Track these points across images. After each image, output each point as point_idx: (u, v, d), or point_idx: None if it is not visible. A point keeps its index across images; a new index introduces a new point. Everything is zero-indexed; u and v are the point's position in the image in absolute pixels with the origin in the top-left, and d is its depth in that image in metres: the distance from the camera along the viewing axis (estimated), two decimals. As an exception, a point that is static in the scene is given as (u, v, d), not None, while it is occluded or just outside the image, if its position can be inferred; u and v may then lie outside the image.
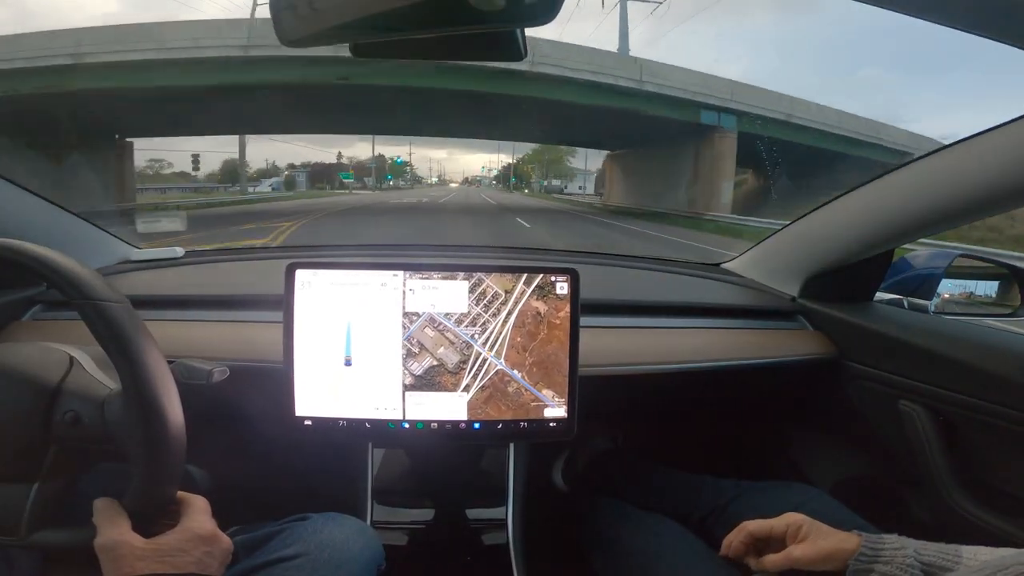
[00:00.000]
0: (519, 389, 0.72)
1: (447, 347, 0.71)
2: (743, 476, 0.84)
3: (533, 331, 0.72)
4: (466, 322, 0.71)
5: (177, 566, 0.46)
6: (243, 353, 0.79)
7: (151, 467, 0.47)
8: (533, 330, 0.72)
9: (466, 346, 0.72)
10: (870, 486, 0.96)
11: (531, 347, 0.72)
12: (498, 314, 0.71)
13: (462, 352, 0.71)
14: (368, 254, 1.21)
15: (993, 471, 0.75)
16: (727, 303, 1.02)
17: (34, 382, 0.48)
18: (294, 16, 0.34)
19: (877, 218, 0.82)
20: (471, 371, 0.72)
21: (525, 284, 0.72)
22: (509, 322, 0.72)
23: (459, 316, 0.71)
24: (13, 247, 0.47)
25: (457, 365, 0.71)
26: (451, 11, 0.31)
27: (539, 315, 0.72)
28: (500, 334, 0.71)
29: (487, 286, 0.72)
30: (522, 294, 0.72)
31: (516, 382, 0.72)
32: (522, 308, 0.72)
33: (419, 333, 0.71)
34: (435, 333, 0.71)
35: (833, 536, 0.55)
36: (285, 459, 0.95)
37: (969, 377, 0.73)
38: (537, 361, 0.72)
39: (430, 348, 0.71)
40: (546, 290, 0.72)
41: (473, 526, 0.82)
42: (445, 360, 0.71)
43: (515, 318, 0.72)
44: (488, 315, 0.71)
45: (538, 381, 0.73)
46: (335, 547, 0.59)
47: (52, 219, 0.94)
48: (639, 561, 0.71)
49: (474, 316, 0.71)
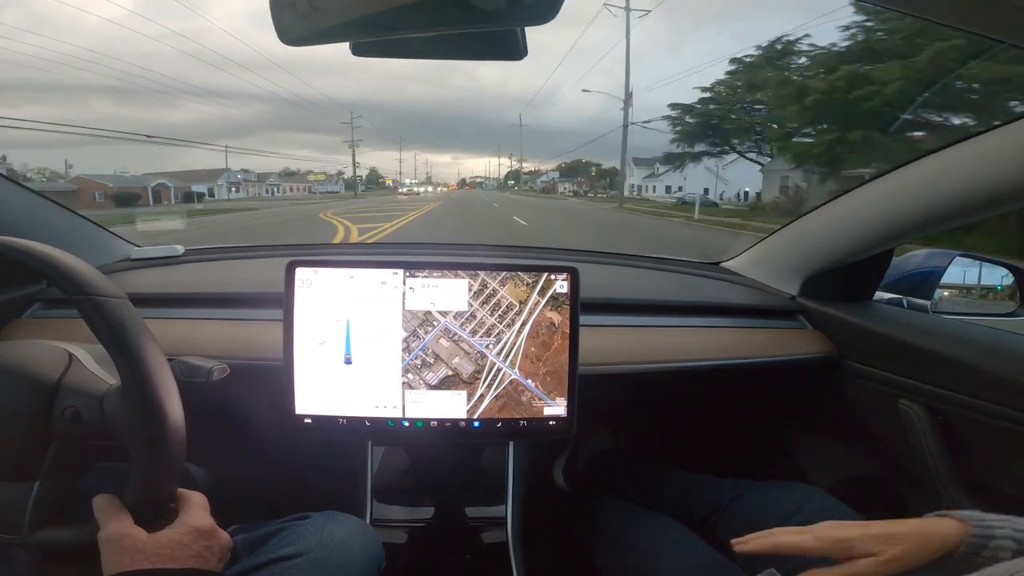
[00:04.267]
0: (532, 398, 0.73)
1: (462, 357, 0.72)
2: (742, 474, 0.84)
3: (547, 341, 0.72)
4: (480, 332, 0.72)
5: (176, 560, 0.46)
6: (243, 351, 0.79)
7: (151, 462, 0.47)
8: (547, 340, 0.72)
9: (480, 356, 0.72)
10: (869, 485, 0.96)
11: (545, 357, 0.72)
12: (512, 324, 0.72)
13: (477, 362, 0.72)
14: (368, 252, 1.20)
15: (992, 471, 0.75)
16: (727, 302, 1.02)
17: (33, 379, 0.48)
18: (294, 15, 0.34)
19: (877, 218, 0.82)
20: (485, 380, 0.72)
21: (539, 295, 0.72)
22: (523, 332, 0.72)
23: (474, 327, 0.72)
24: (10, 244, 0.47)
25: (472, 375, 0.72)
26: (451, 10, 0.31)
27: (553, 326, 0.72)
28: (514, 344, 0.72)
29: (501, 297, 0.72)
30: (536, 305, 0.72)
31: (529, 391, 0.73)
32: (536, 319, 0.72)
33: (434, 344, 0.72)
34: (450, 344, 0.72)
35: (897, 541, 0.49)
36: (285, 457, 0.96)
37: (968, 377, 0.73)
38: (551, 371, 0.73)
39: (445, 358, 0.72)
40: (560, 300, 0.72)
41: (473, 524, 0.83)
42: (460, 370, 0.72)
43: (529, 328, 0.72)
44: (503, 326, 0.72)
45: (552, 390, 0.73)
46: (335, 546, 0.59)
47: (52, 217, 0.94)
48: (641, 559, 0.71)
49: (489, 327, 0.72)
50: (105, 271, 0.96)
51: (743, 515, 0.75)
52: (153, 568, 0.45)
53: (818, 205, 0.94)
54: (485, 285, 0.72)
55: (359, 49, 0.37)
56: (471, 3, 0.30)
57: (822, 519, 0.56)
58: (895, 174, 0.78)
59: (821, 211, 0.94)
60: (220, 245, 1.22)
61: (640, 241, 9.13)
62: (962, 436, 0.76)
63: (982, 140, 0.65)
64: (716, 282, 1.12)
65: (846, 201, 0.89)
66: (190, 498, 0.52)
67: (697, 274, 1.16)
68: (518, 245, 1.32)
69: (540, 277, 0.72)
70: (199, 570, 0.47)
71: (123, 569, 0.44)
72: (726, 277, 1.13)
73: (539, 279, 0.72)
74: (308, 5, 0.33)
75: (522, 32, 0.36)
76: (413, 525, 0.82)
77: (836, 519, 0.56)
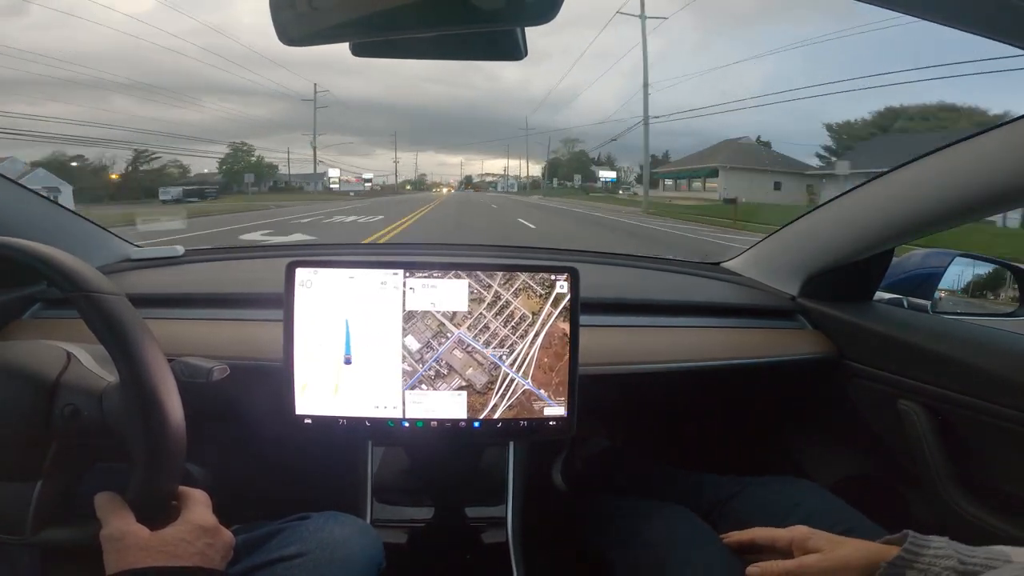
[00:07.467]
0: (544, 407, 0.73)
1: (475, 368, 0.72)
2: (742, 474, 0.84)
3: (559, 352, 0.73)
4: (494, 343, 0.72)
5: (180, 557, 0.46)
6: (243, 352, 0.79)
7: (151, 459, 0.47)
8: (559, 351, 0.73)
9: (494, 367, 0.72)
10: (869, 485, 0.96)
11: (557, 367, 0.73)
12: (526, 335, 0.72)
13: (490, 373, 0.72)
14: (368, 253, 1.21)
15: (992, 471, 0.75)
16: (727, 302, 1.02)
17: (32, 378, 0.49)
18: (294, 15, 0.34)
19: (877, 218, 0.82)
20: (499, 391, 0.72)
21: (552, 306, 0.72)
22: (536, 343, 0.72)
23: (487, 338, 0.72)
24: (9, 243, 0.47)
25: (485, 386, 0.72)
26: (451, 10, 0.31)
27: (566, 336, 0.73)
28: (527, 355, 0.72)
29: (515, 308, 0.72)
30: (549, 316, 0.72)
31: (542, 400, 0.73)
32: (549, 330, 0.72)
33: (448, 355, 0.72)
34: (464, 355, 0.72)
35: (847, 545, 0.54)
36: (285, 457, 0.96)
37: (968, 377, 0.73)
38: (563, 380, 0.73)
39: (459, 369, 0.72)
40: (560, 301, 0.73)
41: (473, 524, 0.83)
42: (473, 381, 0.72)
43: (542, 339, 0.72)
44: (516, 336, 0.72)
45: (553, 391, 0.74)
46: (336, 546, 0.59)
47: (52, 217, 0.94)
48: (656, 554, 0.70)
49: (502, 338, 0.72)
50: (105, 271, 0.96)
51: (745, 511, 0.75)
52: (156, 566, 0.44)
53: (818, 205, 0.94)
54: (498, 297, 0.72)
55: (359, 49, 0.37)
56: (471, 3, 0.30)
57: (821, 515, 0.57)
58: (895, 174, 0.78)
59: (821, 211, 0.94)
60: (220, 246, 1.22)
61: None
62: (962, 436, 0.76)
63: (982, 140, 0.65)
64: (716, 282, 1.12)
65: (846, 201, 0.89)
66: (192, 496, 0.52)
67: (697, 274, 1.16)
68: (518, 246, 1.32)
69: (552, 287, 0.72)
70: (202, 568, 0.47)
71: (126, 567, 0.44)
72: (726, 277, 1.13)
73: (552, 290, 0.72)
74: (308, 5, 0.33)
75: (522, 32, 0.36)
76: (413, 525, 0.82)
77: (834, 516, 0.58)
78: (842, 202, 0.89)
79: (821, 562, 0.53)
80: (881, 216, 0.81)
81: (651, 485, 0.91)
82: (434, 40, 0.36)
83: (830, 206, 0.92)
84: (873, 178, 0.82)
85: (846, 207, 0.89)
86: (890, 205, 0.79)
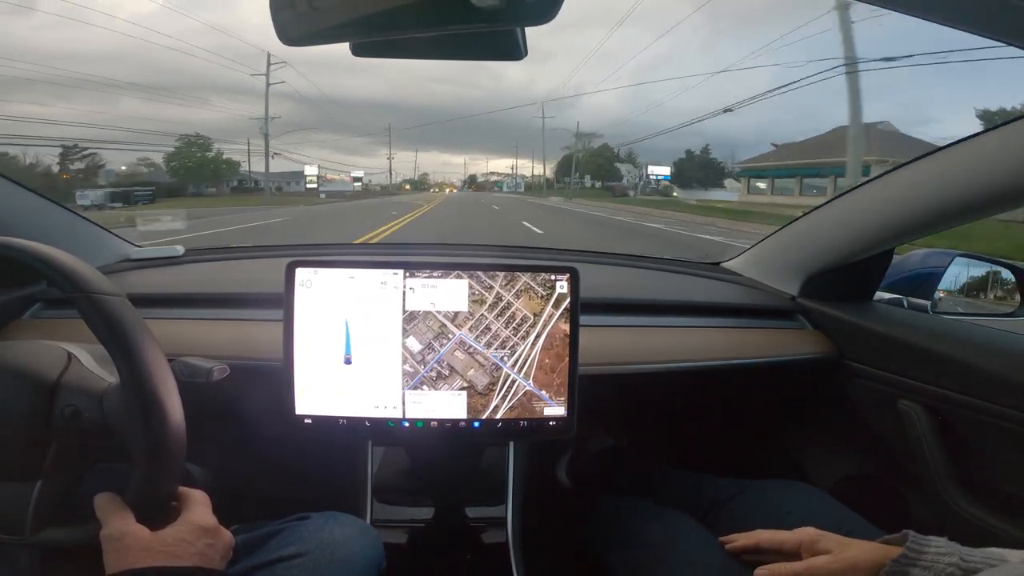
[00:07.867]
0: (544, 407, 0.73)
1: (477, 369, 0.72)
2: (742, 474, 0.84)
3: (561, 353, 0.73)
4: (495, 344, 0.72)
5: (180, 557, 0.46)
6: (243, 352, 0.79)
7: (151, 459, 0.47)
8: (561, 352, 0.73)
9: (495, 368, 0.72)
10: (869, 485, 0.96)
11: (559, 368, 0.73)
12: (527, 337, 0.72)
13: (491, 374, 0.72)
14: (368, 253, 1.21)
15: (992, 471, 0.75)
16: (727, 302, 1.02)
17: (32, 379, 0.49)
18: (294, 14, 0.34)
19: (877, 218, 0.82)
20: (500, 392, 0.72)
21: (554, 307, 0.72)
22: (538, 344, 0.72)
23: (488, 339, 0.72)
24: (9, 243, 0.47)
25: (487, 387, 0.72)
26: (451, 10, 0.31)
27: (567, 337, 0.73)
28: (529, 356, 0.72)
29: (516, 309, 0.72)
30: (550, 317, 0.72)
31: (543, 400, 0.73)
32: (550, 331, 0.72)
33: (449, 356, 0.72)
34: (465, 356, 0.72)
35: (855, 546, 0.54)
36: (285, 457, 0.96)
37: (968, 377, 0.73)
38: (564, 381, 0.73)
39: (460, 370, 0.72)
40: (560, 301, 0.73)
41: (473, 524, 0.83)
42: (475, 382, 0.72)
43: (544, 340, 0.72)
44: (517, 338, 0.72)
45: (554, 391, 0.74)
46: (336, 547, 0.59)
47: (52, 217, 0.94)
48: (655, 554, 0.71)
49: (503, 339, 0.72)
50: (105, 271, 0.96)
51: (743, 513, 0.75)
52: (156, 566, 0.44)
53: (818, 205, 0.94)
54: (500, 298, 0.72)
55: (359, 49, 0.37)
56: (471, 3, 0.30)
57: (819, 518, 0.57)
58: (895, 174, 0.78)
59: (821, 211, 0.94)
60: (220, 245, 1.22)
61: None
62: (962, 436, 0.76)
63: (982, 140, 0.65)
64: (716, 282, 1.12)
65: (846, 201, 0.89)
66: (192, 496, 0.51)
67: (697, 274, 1.16)
68: (518, 246, 1.32)
69: (553, 288, 0.72)
70: (202, 568, 0.47)
71: (125, 567, 0.44)
72: (726, 277, 1.13)
73: (552, 291, 0.72)
74: (307, 5, 0.33)
75: (522, 32, 0.36)
76: (413, 525, 0.82)
77: (832, 519, 0.58)
78: (842, 202, 0.89)
79: (831, 564, 0.53)
80: (881, 216, 0.81)
81: (651, 485, 0.91)
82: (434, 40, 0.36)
83: (830, 206, 0.92)
84: (873, 178, 0.82)
85: (846, 207, 0.89)
86: (890, 205, 0.79)
